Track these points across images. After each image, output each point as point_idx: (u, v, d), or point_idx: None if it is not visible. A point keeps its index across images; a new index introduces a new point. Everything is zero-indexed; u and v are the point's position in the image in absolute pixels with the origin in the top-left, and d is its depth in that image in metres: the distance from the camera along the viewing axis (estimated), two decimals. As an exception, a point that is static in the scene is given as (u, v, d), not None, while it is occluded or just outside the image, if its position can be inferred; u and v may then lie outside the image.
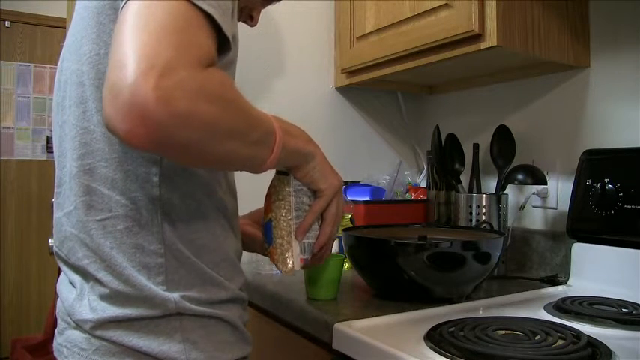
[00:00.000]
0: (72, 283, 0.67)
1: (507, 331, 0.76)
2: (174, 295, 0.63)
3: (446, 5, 1.16)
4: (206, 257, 0.66)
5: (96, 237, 0.63)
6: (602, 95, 1.22)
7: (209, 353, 0.64)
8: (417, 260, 0.93)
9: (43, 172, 3.33)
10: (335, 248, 1.35)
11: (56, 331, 0.69)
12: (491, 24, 1.08)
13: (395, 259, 0.94)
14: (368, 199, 1.43)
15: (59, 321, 0.69)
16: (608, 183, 1.10)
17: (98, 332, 0.62)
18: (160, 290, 0.62)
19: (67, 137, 0.68)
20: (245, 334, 0.71)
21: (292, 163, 0.71)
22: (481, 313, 0.92)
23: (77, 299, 0.65)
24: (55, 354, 0.67)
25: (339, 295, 1.01)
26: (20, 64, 3.32)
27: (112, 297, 0.62)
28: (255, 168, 0.63)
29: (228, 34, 0.56)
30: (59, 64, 0.74)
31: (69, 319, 0.65)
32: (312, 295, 1.00)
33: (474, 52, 1.12)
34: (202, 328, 0.65)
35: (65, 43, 0.73)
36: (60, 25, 2.96)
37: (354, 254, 1.04)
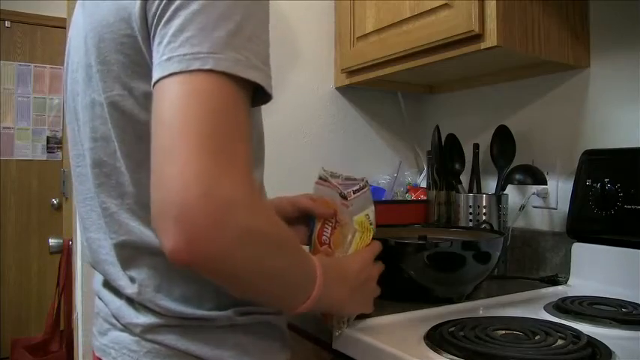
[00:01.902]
0: (117, 290, 0.65)
1: (507, 331, 0.76)
2: (227, 312, 0.62)
3: (446, 5, 1.16)
4: None
5: (139, 273, 0.62)
6: (602, 95, 1.22)
7: (258, 357, 0.64)
8: (417, 260, 0.93)
9: (43, 172, 3.32)
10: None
11: (95, 331, 0.69)
12: (491, 24, 1.08)
13: (395, 259, 0.94)
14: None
15: (100, 321, 0.67)
16: (608, 183, 1.10)
17: (149, 336, 0.61)
18: (211, 313, 0.61)
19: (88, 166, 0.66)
20: (288, 339, 0.71)
21: (321, 309, 0.73)
22: (481, 313, 0.92)
23: (125, 304, 0.64)
24: (99, 354, 0.66)
25: (339, 295, 1.01)
26: (20, 64, 3.32)
27: (162, 314, 0.62)
28: (286, 310, 0.64)
29: (271, 91, 0.55)
30: (67, 74, 0.72)
31: (115, 322, 0.64)
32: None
33: (474, 52, 1.12)
34: (253, 333, 0.65)
35: (70, 53, 0.71)
36: (60, 25, 2.95)
37: (354, 254, 1.04)
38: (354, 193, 0.81)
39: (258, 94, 0.55)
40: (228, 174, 0.47)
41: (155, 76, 0.51)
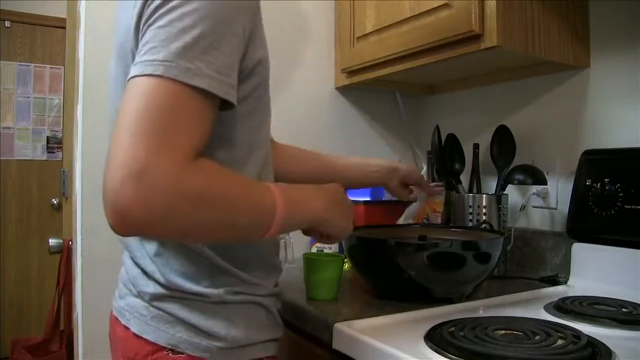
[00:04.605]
0: (135, 261, 0.76)
1: (507, 331, 0.76)
2: (219, 291, 0.71)
3: (446, 5, 1.16)
4: (244, 266, 0.74)
5: (152, 248, 0.73)
6: (602, 95, 1.22)
7: (247, 332, 0.73)
8: (417, 260, 0.93)
9: (43, 172, 3.32)
10: (335, 248, 1.35)
11: (116, 294, 0.80)
12: (491, 24, 1.08)
13: (395, 259, 0.94)
14: (368, 199, 1.43)
15: (121, 286, 0.79)
16: (608, 183, 1.10)
17: (155, 303, 0.71)
18: (206, 289, 0.71)
19: None
20: (278, 319, 0.79)
21: (299, 228, 0.79)
22: (481, 313, 0.92)
23: (140, 274, 0.74)
24: (116, 314, 0.77)
25: (339, 295, 1.01)
26: (20, 64, 3.31)
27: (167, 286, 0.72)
28: (253, 240, 0.72)
29: (230, 97, 0.62)
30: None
31: (131, 288, 0.75)
32: (312, 295, 1.00)
33: (474, 52, 1.12)
34: (243, 311, 0.73)
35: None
36: (60, 25, 2.95)
37: (354, 254, 1.04)
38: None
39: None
40: (161, 156, 0.54)
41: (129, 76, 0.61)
